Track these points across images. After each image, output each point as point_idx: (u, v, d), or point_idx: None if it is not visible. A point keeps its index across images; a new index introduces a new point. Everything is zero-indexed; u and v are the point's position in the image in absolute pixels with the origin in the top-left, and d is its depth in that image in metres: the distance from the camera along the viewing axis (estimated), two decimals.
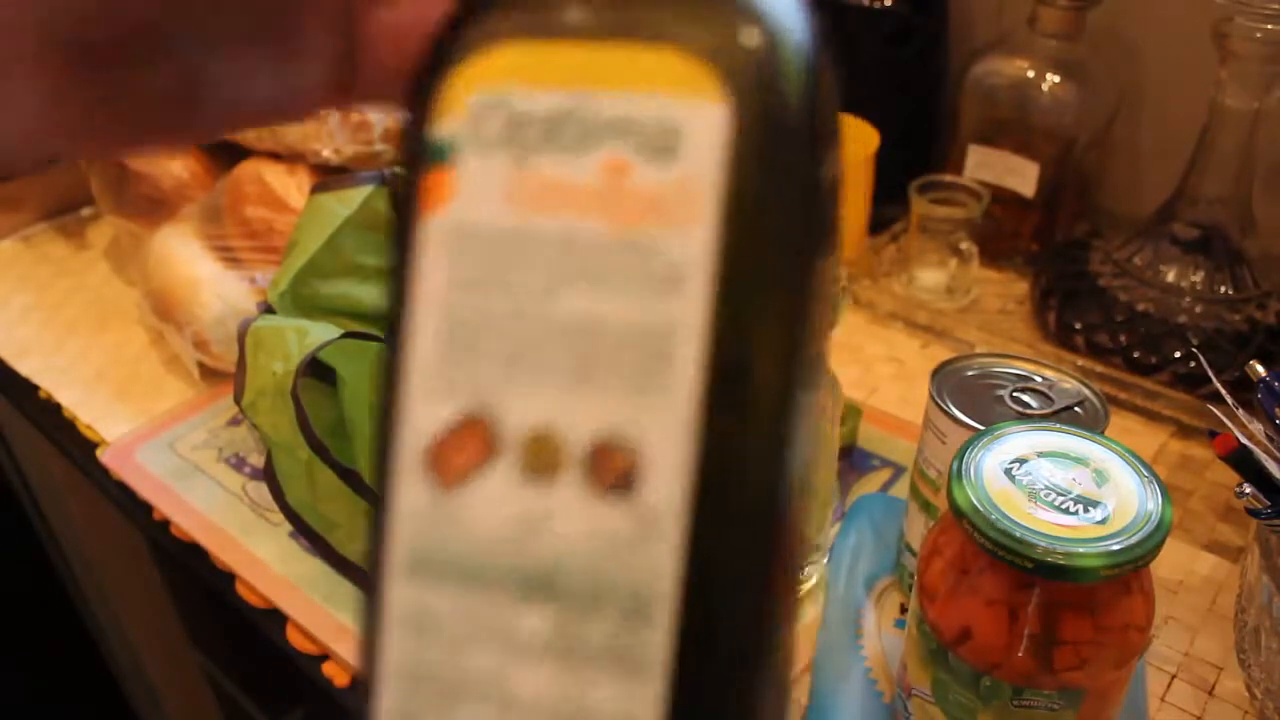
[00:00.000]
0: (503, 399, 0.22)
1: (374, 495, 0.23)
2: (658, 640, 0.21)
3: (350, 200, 0.75)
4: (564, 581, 0.22)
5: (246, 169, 0.84)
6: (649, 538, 0.21)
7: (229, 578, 0.68)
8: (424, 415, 0.23)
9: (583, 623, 0.22)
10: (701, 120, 0.21)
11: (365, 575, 0.24)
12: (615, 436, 0.21)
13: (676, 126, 0.21)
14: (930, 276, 0.90)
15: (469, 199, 0.22)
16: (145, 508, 0.74)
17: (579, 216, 0.22)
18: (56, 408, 0.83)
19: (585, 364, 0.22)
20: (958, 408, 0.58)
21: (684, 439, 0.21)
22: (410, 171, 0.23)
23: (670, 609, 0.21)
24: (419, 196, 0.23)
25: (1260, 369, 0.60)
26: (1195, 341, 0.75)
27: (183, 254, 0.82)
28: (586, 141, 0.22)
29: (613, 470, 0.21)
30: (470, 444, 0.22)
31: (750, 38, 0.22)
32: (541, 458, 0.22)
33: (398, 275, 0.23)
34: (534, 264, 0.22)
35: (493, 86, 0.22)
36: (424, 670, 0.23)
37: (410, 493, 0.23)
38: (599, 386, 0.22)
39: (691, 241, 0.21)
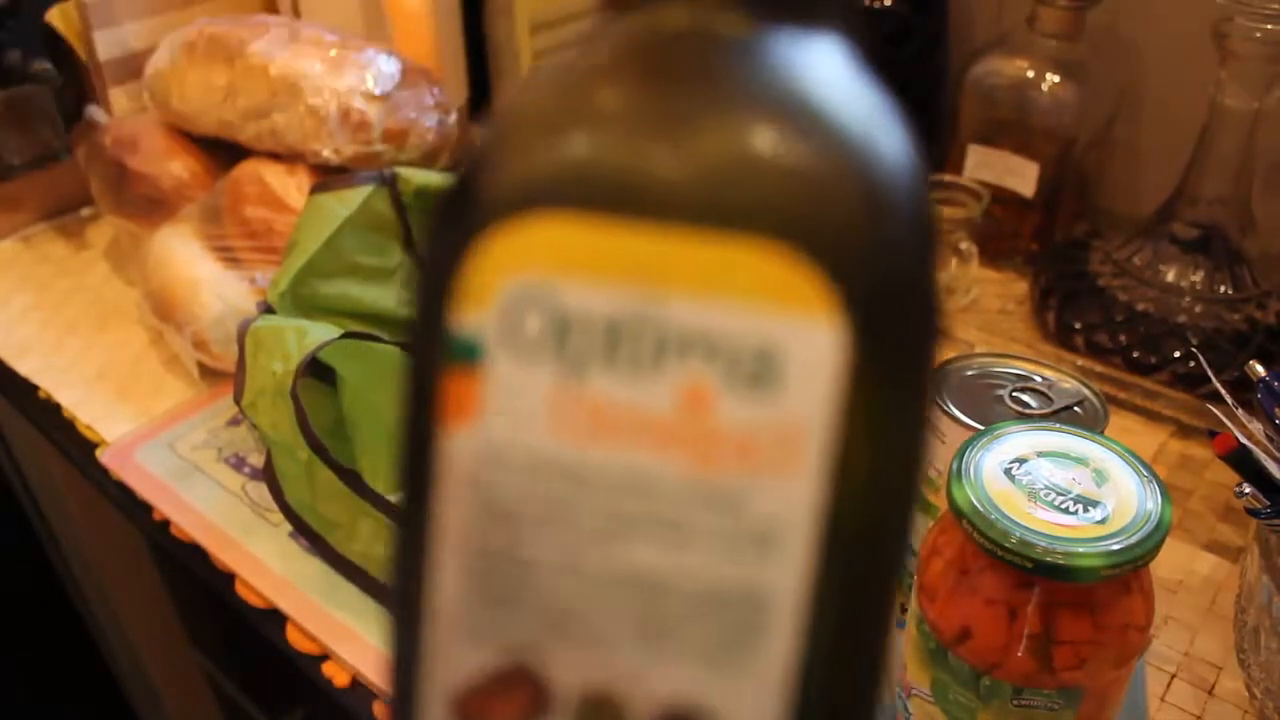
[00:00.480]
0: (550, 656, 0.19)
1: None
2: None
3: (350, 200, 0.75)
4: None
5: (246, 169, 0.84)
6: None
7: (229, 578, 0.68)
8: (457, 659, 0.19)
9: None
10: (807, 345, 0.17)
11: None
12: (690, 708, 0.19)
13: (776, 350, 0.17)
14: None
15: (503, 415, 0.18)
16: (145, 508, 0.74)
17: (648, 452, 0.18)
18: (56, 408, 0.83)
19: (652, 624, 0.18)
20: (957, 407, 0.58)
21: (773, 716, 0.19)
22: (423, 361, 0.19)
23: None
24: (437, 400, 0.18)
25: (1260, 369, 0.60)
26: (1195, 341, 0.75)
27: (182, 254, 0.82)
28: (660, 359, 0.17)
29: None
30: (513, 699, 0.19)
31: (867, 223, 0.17)
32: None
33: (415, 492, 0.19)
34: (588, 504, 0.18)
35: (534, 270, 0.17)
36: None
37: None
38: (669, 651, 0.18)
39: (791, 495, 0.18)
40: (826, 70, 0.18)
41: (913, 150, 0.18)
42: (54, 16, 0.95)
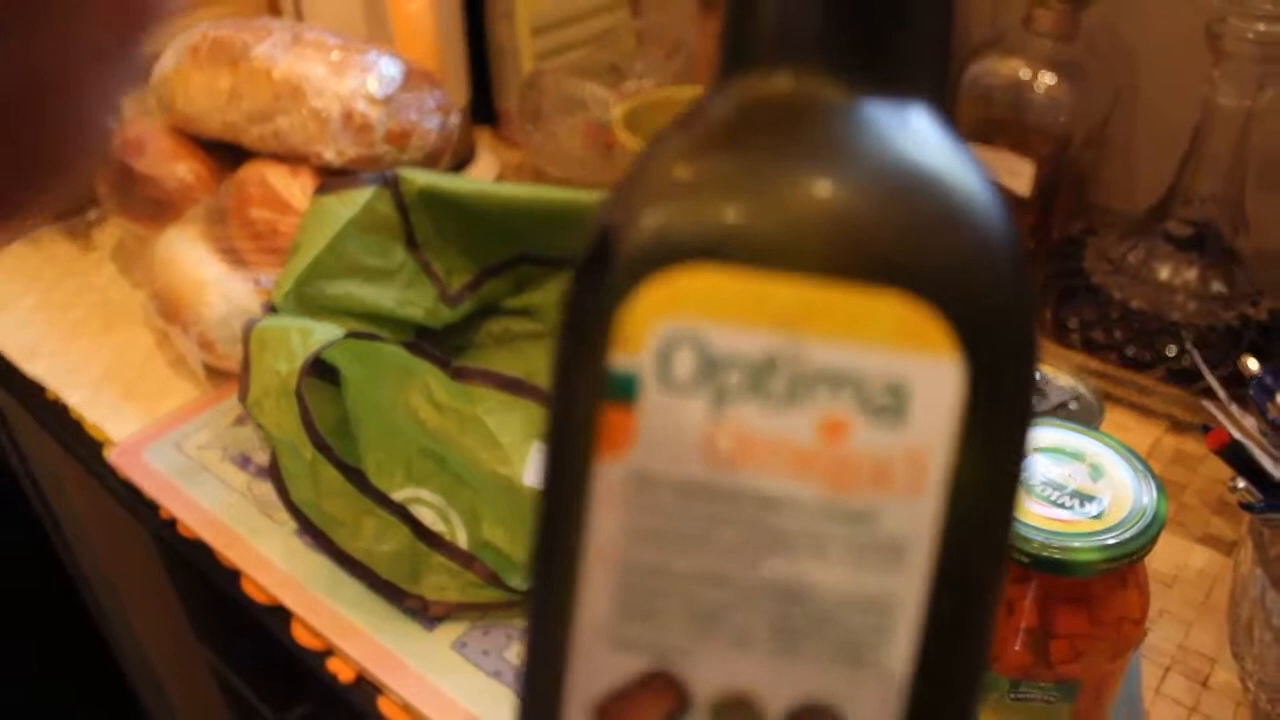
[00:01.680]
0: (691, 660, 0.21)
1: None
2: None
3: (353, 202, 0.75)
4: None
5: (250, 171, 0.84)
6: None
7: (235, 575, 0.69)
8: (600, 667, 0.21)
9: None
10: (932, 379, 0.19)
11: None
12: (818, 706, 0.21)
13: (904, 384, 0.20)
14: None
15: (655, 446, 0.20)
16: (152, 506, 0.74)
17: (790, 475, 0.20)
18: (64, 408, 0.84)
19: (788, 633, 0.20)
20: None
21: (892, 710, 0.21)
22: (577, 397, 0.20)
23: None
24: (593, 432, 0.20)
25: (1253, 365, 0.60)
26: (1189, 338, 0.75)
27: (188, 256, 0.82)
28: (800, 393, 0.20)
29: None
30: (655, 703, 0.21)
31: (979, 275, 0.20)
32: None
33: (559, 514, 0.21)
34: (732, 523, 0.20)
35: (684, 316, 0.20)
36: None
37: None
38: (803, 655, 0.20)
39: (916, 513, 0.20)
40: (928, 138, 0.21)
41: (1004, 205, 0.20)
42: None
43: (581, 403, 0.20)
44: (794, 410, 0.20)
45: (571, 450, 0.21)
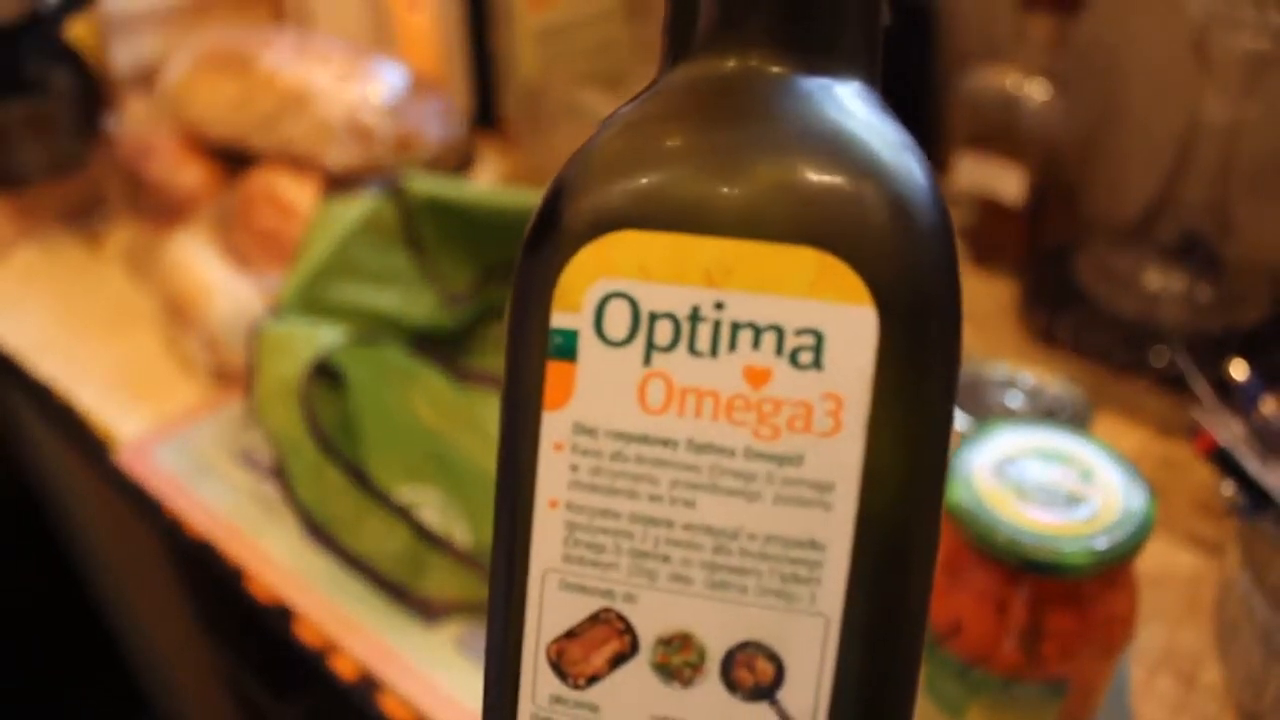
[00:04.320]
0: (635, 601, 0.22)
1: (497, 686, 0.23)
2: None
3: (358, 207, 0.76)
4: None
5: (257, 177, 0.85)
6: None
7: (241, 574, 0.69)
8: (553, 608, 0.22)
9: None
10: (848, 325, 0.20)
11: None
12: (757, 644, 0.22)
13: (821, 332, 0.21)
14: None
15: (593, 398, 0.22)
16: (159, 506, 0.75)
17: (716, 423, 0.21)
18: (73, 408, 0.84)
19: (724, 572, 0.22)
20: None
21: (829, 650, 0.21)
22: (525, 355, 0.22)
23: None
24: (538, 388, 0.22)
25: (1239, 371, 0.61)
26: (1177, 345, 0.76)
27: (196, 259, 0.83)
28: (724, 344, 0.21)
29: (754, 676, 0.22)
30: (602, 643, 0.22)
31: (892, 232, 0.20)
32: (678, 661, 0.22)
33: (513, 465, 0.22)
34: (665, 469, 0.22)
35: (616, 277, 0.21)
36: None
37: (540, 684, 0.23)
38: (740, 595, 0.22)
39: (840, 454, 0.21)
40: (853, 109, 0.22)
41: (930, 171, 0.21)
42: (74, 30, 0.96)
43: (530, 359, 0.22)
44: (719, 359, 0.21)
45: (522, 403, 0.22)
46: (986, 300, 0.91)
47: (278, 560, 0.70)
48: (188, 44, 0.94)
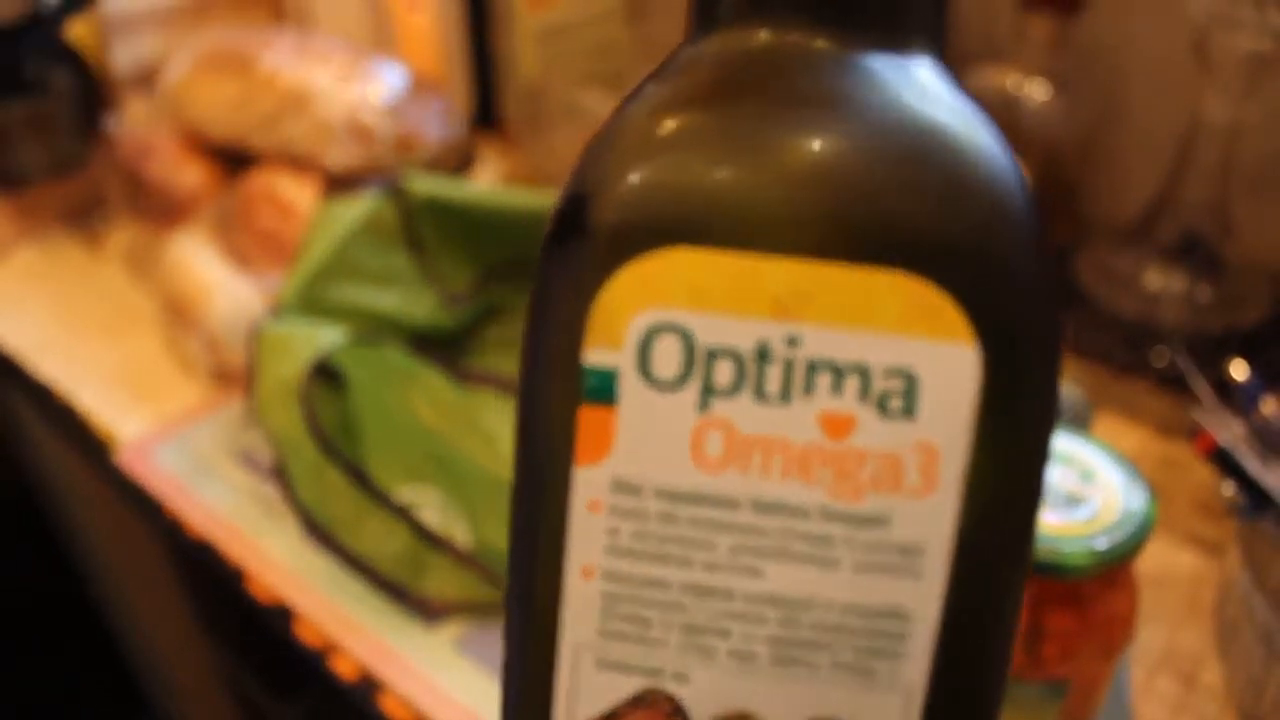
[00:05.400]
0: (687, 679, 0.19)
1: None
2: None
3: (358, 207, 0.76)
4: None
5: (257, 177, 0.85)
6: None
7: (241, 574, 0.69)
8: (589, 689, 0.19)
9: None
10: (945, 367, 0.17)
11: None
12: None
13: (914, 374, 0.17)
14: None
15: (637, 450, 0.19)
16: (160, 506, 0.75)
17: (786, 480, 0.18)
18: (73, 408, 0.84)
19: (793, 647, 0.19)
20: None
21: None
22: (551, 398, 0.19)
23: None
24: (568, 439, 0.18)
25: (1239, 371, 0.61)
26: (1177, 345, 0.76)
27: (196, 259, 0.83)
28: (797, 387, 0.18)
29: None
30: None
31: (996, 253, 0.17)
32: None
33: (536, 527, 0.19)
34: (725, 534, 0.18)
35: (665, 306, 0.17)
36: None
37: None
38: (810, 672, 0.19)
39: (930, 515, 0.18)
40: (933, 92, 0.18)
41: (1021, 172, 0.18)
42: (74, 30, 0.96)
43: (556, 403, 0.19)
44: (792, 405, 0.18)
45: (547, 455, 0.19)
46: None
47: (278, 560, 0.70)
48: (188, 44, 0.94)
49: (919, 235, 0.17)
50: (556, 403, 0.19)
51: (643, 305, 0.17)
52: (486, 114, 1.14)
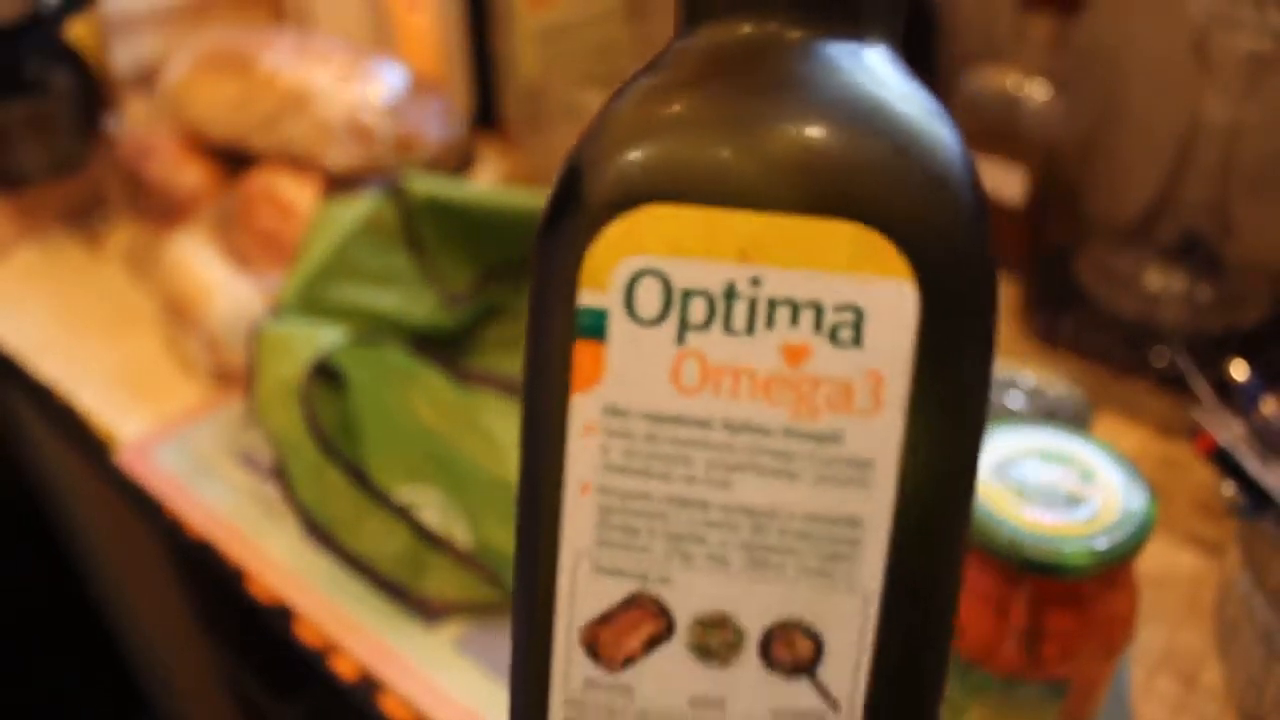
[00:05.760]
0: (670, 584, 0.22)
1: (526, 671, 0.23)
2: None
3: (358, 207, 0.76)
4: None
5: (257, 177, 0.85)
6: (830, 715, 0.22)
7: (241, 574, 0.69)
8: (586, 593, 0.22)
9: None
10: (887, 302, 0.20)
11: None
12: (796, 622, 0.22)
13: (861, 307, 0.20)
14: None
15: (624, 379, 0.21)
16: (160, 506, 0.75)
17: (753, 402, 0.21)
18: (73, 409, 0.84)
19: (762, 551, 0.22)
20: None
21: (868, 626, 0.22)
22: (551, 336, 0.21)
23: None
24: (565, 371, 0.21)
25: (1239, 371, 0.61)
26: (1177, 345, 0.76)
27: (196, 259, 0.83)
28: (760, 321, 0.20)
29: (793, 654, 0.22)
30: (637, 625, 0.22)
31: (930, 203, 0.20)
32: (716, 641, 0.22)
33: (540, 449, 0.22)
34: (701, 450, 0.21)
35: (646, 254, 0.21)
36: None
37: (573, 670, 0.23)
38: (778, 574, 0.22)
39: (880, 432, 0.21)
40: (883, 75, 0.21)
41: (961, 141, 0.21)
42: (74, 30, 0.96)
43: (555, 340, 0.22)
44: (756, 337, 0.21)
45: (548, 386, 0.22)
46: None
47: (278, 560, 0.70)
48: (188, 44, 0.94)
49: (864, 189, 0.20)
50: (556, 339, 0.22)
51: (627, 254, 0.21)
52: (486, 114, 1.14)
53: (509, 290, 0.82)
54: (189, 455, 0.78)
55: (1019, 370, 0.63)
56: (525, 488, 0.23)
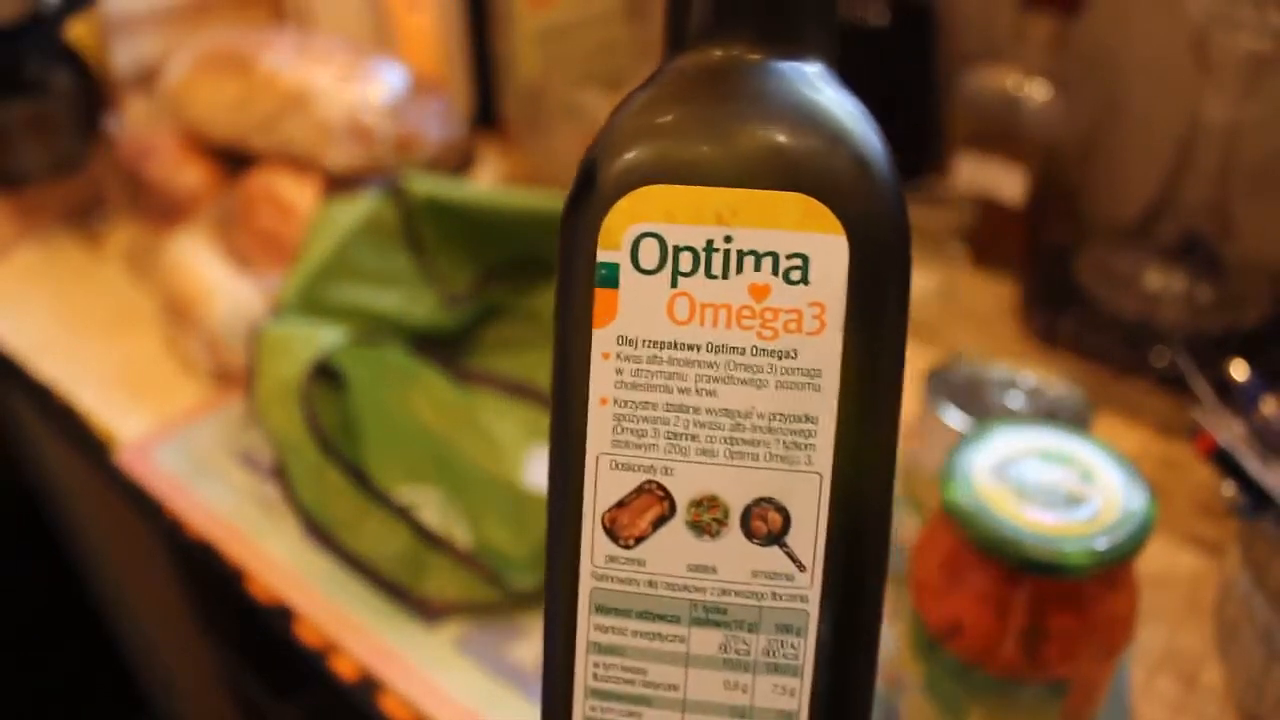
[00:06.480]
0: (671, 473, 0.28)
1: (559, 550, 0.29)
2: (806, 647, 0.28)
3: (358, 208, 0.76)
4: (732, 611, 0.29)
5: (258, 178, 0.85)
6: (797, 574, 0.28)
7: (241, 574, 0.69)
8: (606, 484, 0.28)
9: (746, 639, 0.29)
10: (827, 251, 0.27)
11: (552, 614, 0.30)
12: (768, 499, 0.28)
13: (807, 255, 0.27)
14: (920, 282, 0.91)
15: (632, 315, 0.28)
16: (160, 506, 0.75)
17: (729, 329, 0.27)
18: (73, 409, 0.84)
19: (740, 444, 0.28)
20: (948, 409, 0.59)
21: (823, 499, 0.28)
22: (578, 284, 0.28)
23: (814, 625, 0.28)
24: (588, 311, 0.28)
25: (1239, 371, 0.61)
26: (1177, 345, 0.76)
27: (196, 259, 0.83)
28: (732, 268, 0.27)
29: (767, 525, 0.28)
30: (646, 509, 0.28)
31: (857, 180, 0.27)
32: (707, 518, 0.28)
33: (568, 373, 0.28)
34: (691, 368, 0.28)
35: (647, 221, 0.27)
36: (613, 686, 0.29)
37: (597, 548, 0.29)
38: (753, 461, 0.28)
39: (824, 347, 0.27)
40: (820, 87, 0.28)
41: (880, 135, 0.27)
42: (75, 30, 0.96)
43: (581, 289, 0.28)
44: (730, 280, 0.27)
45: (576, 324, 0.28)
46: (986, 300, 0.91)
47: (278, 560, 0.70)
48: (188, 44, 0.94)
49: (808, 171, 0.26)
50: (581, 288, 0.28)
51: (633, 221, 0.27)
52: (486, 114, 1.14)
53: (509, 290, 0.82)
54: (189, 455, 0.78)
55: (1019, 370, 0.63)
56: (557, 405, 0.29)
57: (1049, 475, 0.48)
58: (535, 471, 0.71)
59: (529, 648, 0.64)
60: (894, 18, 0.93)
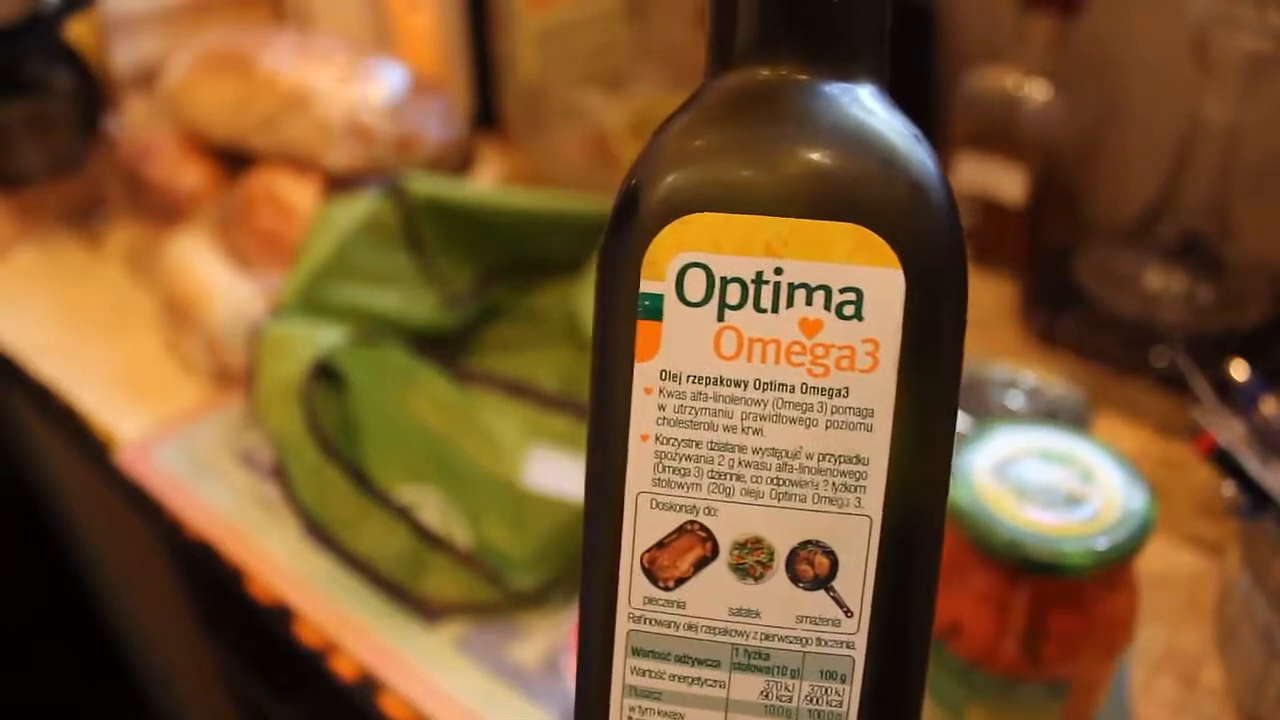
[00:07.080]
0: (714, 514, 0.27)
1: (595, 590, 0.28)
2: (851, 695, 0.28)
3: (358, 208, 0.76)
4: (775, 656, 0.28)
5: (258, 178, 0.85)
6: (844, 620, 0.27)
7: (241, 574, 0.69)
8: (646, 524, 0.27)
9: (789, 685, 0.28)
10: (882, 285, 0.25)
11: (586, 655, 0.29)
12: (816, 542, 0.27)
13: (861, 289, 0.25)
14: None
15: (677, 349, 0.26)
16: (160, 506, 0.75)
17: (778, 365, 0.26)
18: (74, 409, 0.84)
19: (787, 485, 0.27)
20: None
21: (873, 544, 0.27)
22: (619, 316, 0.27)
23: (860, 672, 0.28)
24: (631, 344, 0.27)
25: (1239, 371, 0.61)
26: (1177, 345, 0.76)
27: (196, 260, 0.83)
28: (782, 302, 0.26)
29: (814, 569, 0.27)
30: (687, 550, 0.27)
31: (913, 209, 0.26)
32: (752, 560, 0.27)
33: (608, 407, 0.27)
34: (737, 405, 0.27)
35: (694, 251, 0.26)
36: None
37: (635, 589, 0.28)
38: (800, 503, 0.27)
39: (877, 386, 0.26)
40: (873, 108, 0.27)
41: (937, 158, 0.26)
42: (74, 30, 0.96)
43: (622, 320, 0.27)
44: (780, 314, 0.26)
45: (616, 357, 0.27)
46: (987, 300, 0.91)
47: (278, 560, 0.70)
48: (188, 44, 0.94)
49: (861, 199, 0.25)
50: (623, 320, 0.27)
51: (679, 250, 0.26)
52: (486, 114, 1.14)
53: (509, 290, 0.82)
54: (189, 455, 0.78)
55: (1019, 370, 0.63)
56: (595, 440, 0.28)
57: (1049, 475, 0.48)
58: (535, 472, 0.71)
59: (529, 648, 0.64)
60: (894, 18, 0.93)
